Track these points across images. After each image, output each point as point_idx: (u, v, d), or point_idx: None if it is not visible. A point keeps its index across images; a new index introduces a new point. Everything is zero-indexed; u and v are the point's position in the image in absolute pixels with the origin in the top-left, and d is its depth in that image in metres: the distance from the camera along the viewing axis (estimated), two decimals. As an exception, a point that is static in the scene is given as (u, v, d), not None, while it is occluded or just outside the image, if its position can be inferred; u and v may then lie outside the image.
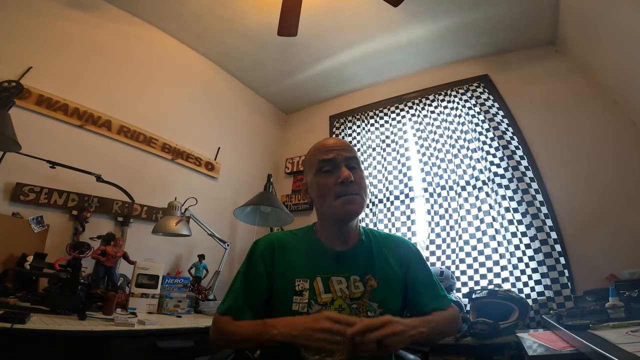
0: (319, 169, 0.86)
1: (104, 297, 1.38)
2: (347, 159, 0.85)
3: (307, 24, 2.12)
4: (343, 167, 0.83)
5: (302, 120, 3.38)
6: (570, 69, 2.20)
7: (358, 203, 0.82)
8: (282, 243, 0.89)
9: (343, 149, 0.86)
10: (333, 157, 0.85)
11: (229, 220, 2.57)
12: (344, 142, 0.90)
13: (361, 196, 0.84)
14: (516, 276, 1.89)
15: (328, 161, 0.85)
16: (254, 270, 0.85)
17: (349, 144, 0.90)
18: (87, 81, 1.95)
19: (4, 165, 1.49)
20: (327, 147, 0.87)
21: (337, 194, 0.82)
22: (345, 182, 0.81)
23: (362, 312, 0.79)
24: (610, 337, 0.84)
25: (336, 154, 0.85)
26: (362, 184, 0.85)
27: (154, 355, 1.21)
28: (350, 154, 0.86)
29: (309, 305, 0.78)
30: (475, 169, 2.22)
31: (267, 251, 0.86)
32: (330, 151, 0.86)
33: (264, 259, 0.85)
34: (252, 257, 0.87)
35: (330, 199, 0.82)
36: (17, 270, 1.36)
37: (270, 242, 0.89)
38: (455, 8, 2.15)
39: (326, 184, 0.83)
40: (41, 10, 1.81)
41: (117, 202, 1.90)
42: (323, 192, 0.84)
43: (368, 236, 0.92)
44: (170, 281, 1.77)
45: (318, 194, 0.86)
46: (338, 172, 0.83)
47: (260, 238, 0.91)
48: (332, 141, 0.89)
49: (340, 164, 0.84)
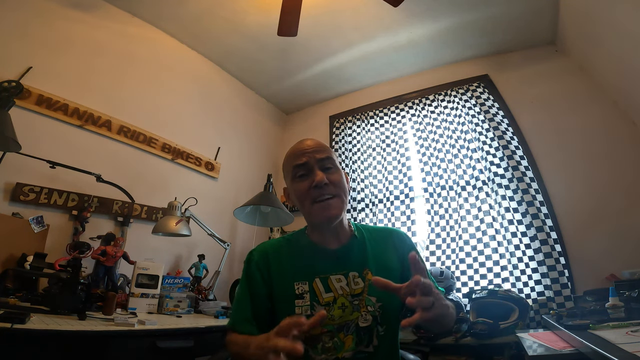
0: (294, 175, 0.85)
1: (104, 297, 1.37)
2: (320, 161, 0.84)
3: (307, 24, 2.12)
4: (316, 170, 0.82)
5: (302, 120, 3.38)
6: (570, 69, 2.20)
7: (336, 206, 0.81)
8: (275, 250, 0.89)
9: (315, 151, 0.85)
10: (305, 161, 0.83)
11: (229, 220, 2.57)
12: (317, 143, 0.88)
13: (339, 197, 0.83)
14: (516, 276, 1.89)
15: (301, 166, 0.84)
16: (252, 280, 0.85)
17: (322, 145, 0.88)
18: (88, 81, 1.95)
19: (4, 165, 1.49)
20: (299, 151, 0.86)
21: (314, 198, 0.81)
22: (319, 185, 0.80)
23: (362, 307, 0.79)
24: (610, 337, 0.84)
25: (307, 158, 0.84)
26: (338, 183, 0.83)
27: (154, 355, 1.21)
28: (322, 155, 0.85)
29: (311, 307, 0.78)
30: (475, 169, 2.22)
31: (261, 260, 0.87)
32: (303, 155, 0.85)
33: (259, 267, 0.86)
34: (249, 268, 0.87)
35: (308, 205, 0.82)
36: (17, 270, 1.36)
37: (264, 250, 0.89)
38: (455, 8, 2.15)
39: (301, 189, 0.83)
40: (41, 11, 1.81)
41: (117, 202, 1.90)
42: (300, 198, 0.84)
43: (360, 231, 0.92)
44: (170, 281, 1.77)
45: (297, 200, 0.86)
46: (312, 175, 0.82)
47: (254, 248, 0.92)
48: (305, 144, 0.87)
49: (313, 167, 0.83)
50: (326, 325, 0.77)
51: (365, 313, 0.79)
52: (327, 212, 0.81)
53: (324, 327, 0.77)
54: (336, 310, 0.78)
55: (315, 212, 0.82)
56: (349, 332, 0.77)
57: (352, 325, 0.78)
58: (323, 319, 0.57)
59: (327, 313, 0.77)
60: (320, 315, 0.57)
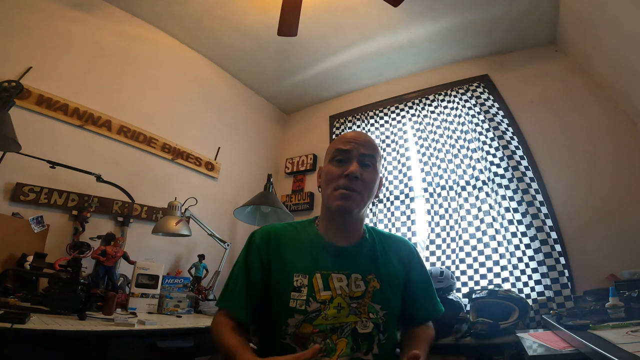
0: (333, 157, 0.85)
1: (104, 297, 1.37)
2: (363, 155, 0.83)
3: (307, 23, 2.12)
4: (354, 161, 0.82)
5: (302, 120, 3.38)
6: (570, 69, 2.20)
7: (353, 200, 0.80)
8: (278, 235, 0.86)
9: (362, 144, 0.84)
10: (349, 149, 0.83)
11: (229, 220, 2.57)
12: (367, 139, 0.88)
13: (361, 195, 0.81)
14: (516, 276, 1.89)
15: (343, 151, 0.84)
16: (251, 265, 0.82)
17: (373, 143, 0.87)
18: (88, 81, 1.95)
19: (4, 165, 1.49)
20: (347, 138, 0.86)
21: (338, 185, 0.81)
22: (350, 176, 0.80)
23: (363, 312, 0.78)
24: (610, 337, 0.83)
25: (353, 147, 0.83)
26: (369, 183, 0.83)
27: (154, 355, 1.21)
28: (367, 151, 0.84)
29: (307, 303, 0.76)
30: (475, 169, 2.22)
31: (262, 243, 0.84)
32: (349, 142, 0.84)
33: (259, 251, 0.83)
34: (249, 250, 0.85)
35: (331, 189, 0.82)
36: (17, 270, 1.36)
37: (266, 233, 0.86)
38: (455, 8, 2.14)
39: (333, 173, 0.83)
40: (41, 10, 1.81)
41: (117, 202, 1.90)
42: (328, 180, 0.84)
43: (372, 235, 0.90)
44: (170, 281, 1.77)
45: (324, 180, 0.85)
46: (348, 164, 0.82)
47: (257, 230, 0.89)
48: (356, 134, 0.88)
49: (353, 158, 0.83)
50: (319, 324, 0.75)
51: (366, 320, 0.77)
52: (341, 202, 0.79)
53: (316, 327, 0.74)
54: (331, 310, 0.76)
55: (333, 198, 0.81)
56: (342, 336, 0.75)
57: (347, 329, 0.75)
58: (316, 352, 0.61)
59: (322, 312, 0.76)
60: (314, 349, 0.61)
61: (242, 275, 0.82)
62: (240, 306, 0.79)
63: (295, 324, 0.75)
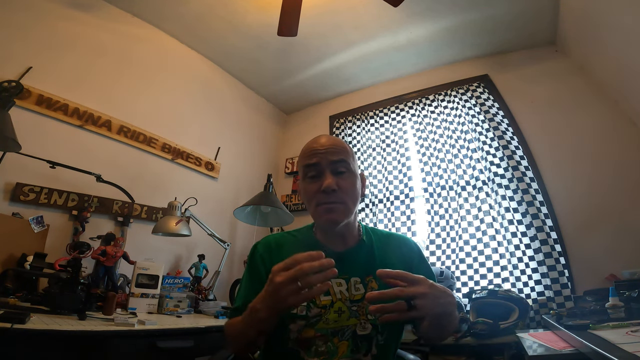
0: (304, 174, 0.82)
1: (104, 297, 1.37)
2: (333, 163, 0.79)
3: (307, 23, 2.12)
4: (327, 174, 0.79)
5: (302, 120, 3.38)
6: (571, 69, 2.20)
7: (339, 212, 0.78)
8: (279, 244, 0.88)
9: (329, 152, 0.80)
10: (316, 162, 0.80)
11: (229, 220, 2.57)
12: (332, 142, 0.83)
13: (345, 204, 0.79)
14: (516, 276, 1.89)
15: (311, 166, 0.80)
16: (256, 273, 0.84)
17: (338, 145, 0.83)
18: (87, 81, 1.95)
19: (4, 165, 1.49)
20: (312, 151, 0.82)
21: (318, 202, 0.79)
22: (326, 191, 0.77)
23: (361, 314, 0.78)
24: (610, 337, 0.83)
25: (320, 159, 0.80)
26: (349, 190, 0.80)
27: (154, 355, 1.21)
28: (336, 157, 0.80)
29: (308, 308, 0.76)
30: (475, 169, 2.22)
31: (265, 253, 0.86)
32: (315, 155, 0.80)
33: (263, 261, 0.84)
34: (253, 260, 0.86)
35: (313, 206, 0.80)
36: (17, 270, 1.36)
37: (268, 243, 0.88)
38: (455, 8, 2.14)
39: (310, 191, 0.80)
40: (41, 11, 1.81)
41: (117, 202, 1.90)
42: (307, 198, 0.82)
43: (369, 236, 0.89)
44: (170, 281, 1.77)
45: (304, 198, 0.84)
46: (322, 178, 0.79)
47: (259, 241, 0.91)
48: (319, 143, 0.83)
49: (324, 170, 0.79)
50: (320, 329, 0.76)
51: (365, 321, 0.77)
52: (328, 216, 0.78)
53: (318, 331, 0.75)
54: (331, 314, 0.76)
55: (319, 215, 0.80)
56: (343, 338, 0.76)
57: (347, 332, 0.76)
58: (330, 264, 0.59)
59: (322, 316, 0.76)
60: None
61: (248, 286, 0.84)
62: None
63: (298, 329, 0.76)
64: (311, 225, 0.93)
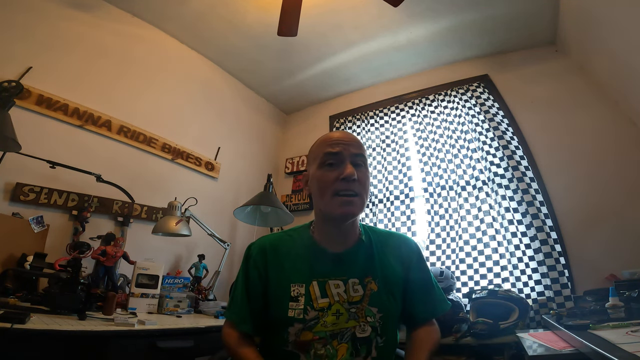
0: (323, 162, 0.81)
1: (104, 297, 1.37)
2: (354, 155, 0.80)
3: (307, 23, 2.12)
4: (348, 163, 0.79)
5: (302, 120, 3.38)
6: (571, 69, 2.20)
7: (356, 205, 0.78)
8: (274, 246, 0.86)
9: (351, 144, 0.81)
10: (339, 151, 0.80)
11: (229, 220, 2.57)
12: (353, 137, 0.84)
13: (361, 197, 0.79)
14: (516, 276, 1.89)
15: (333, 154, 0.80)
16: (250, 278, 0.84)
17: (358, 140, 0.84)
18: (87, 81, 1.95)
19: (4, 165, 1.49)
20: (335, 140, 0.82)
21: (337, 191, 0.77)
22: (347, 179, 0.76)
23: (361, 316, 0.77)
24: (610, 337, 0.83)
25: (342, 148, 0.80)
26: (365, 183, 0.80)
27: (154, 355, 1.21)
28: (357, 151, 0.81)
29: (305, 311, 0.76)
30: (475, 169, 2.22)
31: (259, 256, 0.84)
32: (337, 144, 0.81)
33: (256, 264, 0.83)
34: (247, 263, 0.86)
35: (329, 196, 0.78)
36: (17, 270, 1.36)
37: (262, 246, 0.86)
38: (455, 8, 2.14)
39: (327, 179, 0.78)
40: (41, 11, 1.81)
41: (117, 202, 1.90)
42: (322, 187, 0.79)
43: (368, 235, 0.88)
44: (170, 281, 1.77)
45: (317, 188, 0.81)
46: (342, 167, 0.78)
47: (253, 242, 0.89)
48: (341, 134, 0.84)
49: (345, 159, 0.79)
50: (318, 331, 0.75)
51: (364, 323, 0.76)
52: (346, 208, 0.77)
53: (316, 334, 0.75)
54: (329, 317, 0.76)
55: (335, 205, 0.77)
56: (343, 341, 0.75)
57: (347, 334, 0.75)
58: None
59: (320, 319, 0.76)
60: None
61: (243, 290, 0.84)
62: (243, 320, 0.82)
63: (296, 332, 0.75)
64: (308, 225, 0.90)
